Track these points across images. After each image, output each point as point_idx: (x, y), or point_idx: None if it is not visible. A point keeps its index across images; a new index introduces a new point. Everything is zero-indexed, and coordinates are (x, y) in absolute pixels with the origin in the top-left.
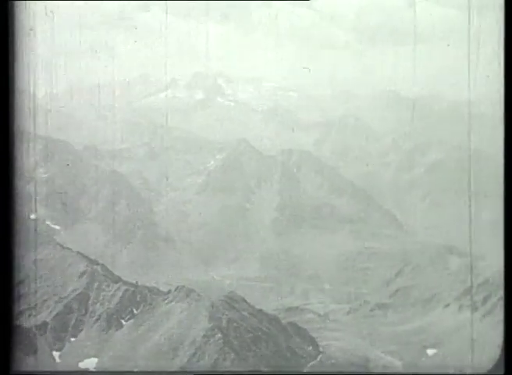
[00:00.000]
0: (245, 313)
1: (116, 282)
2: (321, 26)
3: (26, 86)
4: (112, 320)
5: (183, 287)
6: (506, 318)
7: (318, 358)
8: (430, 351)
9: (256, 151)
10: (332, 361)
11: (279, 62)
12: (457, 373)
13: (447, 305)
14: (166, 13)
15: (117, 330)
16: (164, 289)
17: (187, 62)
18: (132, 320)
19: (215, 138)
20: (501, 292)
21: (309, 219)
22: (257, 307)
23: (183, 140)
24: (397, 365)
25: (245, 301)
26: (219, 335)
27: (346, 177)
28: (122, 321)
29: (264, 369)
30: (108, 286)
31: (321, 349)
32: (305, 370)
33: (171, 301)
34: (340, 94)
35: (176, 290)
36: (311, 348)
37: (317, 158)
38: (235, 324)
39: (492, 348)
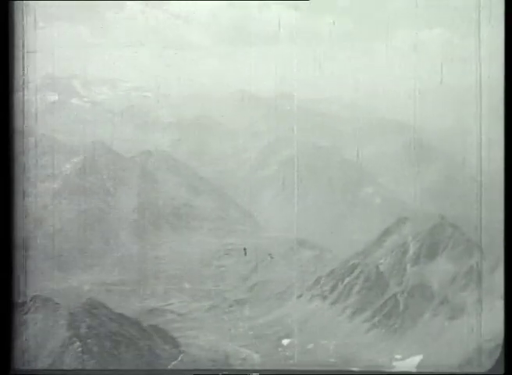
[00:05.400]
0: (105, 318)
1: None
2: (174, 27)
3: None
4: None
5: (39, 296)
6: (506, 318)
7: (180, 358)
8: (285, 341)
9: (113, 152)
10: (193, 359)
11: (134, 63)
12: (458, 372)
13: (300, 296)
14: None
15: None
16: (18, 300)
17: (38, 63)
18: None
19: (70, 141)
20: (347, 279)
21: (168, 219)
22: (117, 311)
23: (36, 144)
24: (255, 357)
25: (105, 306)
26: (78, 343)
27: (204, 177)
28: None
29: (125, 372)
30: None
31: (182, 349)
32: (168, 369)
33: (26, 313)
34: (195, 94)
35: (31, 300)
36: (172, 348)
37: (174, 159)
38: (94, 331)
39: (340, 333)
